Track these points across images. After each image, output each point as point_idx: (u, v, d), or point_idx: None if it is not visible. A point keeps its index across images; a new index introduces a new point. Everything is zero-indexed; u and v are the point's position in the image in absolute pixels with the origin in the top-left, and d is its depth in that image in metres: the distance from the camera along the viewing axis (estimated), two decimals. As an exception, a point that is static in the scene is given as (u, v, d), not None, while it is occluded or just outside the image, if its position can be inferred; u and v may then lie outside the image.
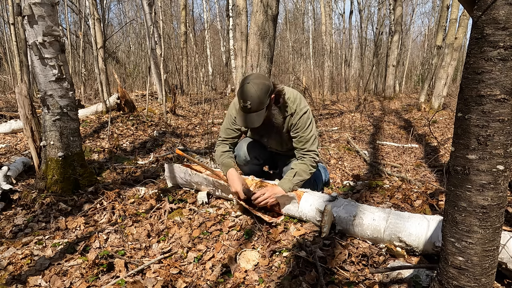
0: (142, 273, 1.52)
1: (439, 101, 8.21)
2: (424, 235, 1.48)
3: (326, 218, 1.69)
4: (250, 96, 1.78)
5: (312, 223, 1.81)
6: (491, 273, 1.01)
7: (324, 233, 1.68)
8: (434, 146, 4.82)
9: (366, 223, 1.62)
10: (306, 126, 2.01)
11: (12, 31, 7.13)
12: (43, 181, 2.34)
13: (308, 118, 2.02)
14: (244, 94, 1.79)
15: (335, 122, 7.10)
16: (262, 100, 1.80)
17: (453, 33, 7.99)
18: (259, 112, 1.84)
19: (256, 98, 1.78)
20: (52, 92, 2.29)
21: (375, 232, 1.59)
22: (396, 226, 1.54)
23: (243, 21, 6.48)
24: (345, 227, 1.69)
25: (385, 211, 1.65)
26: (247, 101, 1.79)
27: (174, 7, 18.25)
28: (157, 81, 7.86)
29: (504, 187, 0.94)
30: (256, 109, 1.82)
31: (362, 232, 1.64)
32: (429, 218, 1.53)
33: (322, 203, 1.78)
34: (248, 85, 1.79)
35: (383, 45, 17.36)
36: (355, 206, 1.72)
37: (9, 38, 11.10)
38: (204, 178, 2.19)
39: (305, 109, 2.02)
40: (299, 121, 2.00)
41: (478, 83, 0.89)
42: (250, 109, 1.81)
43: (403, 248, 1.54)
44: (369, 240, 1.64)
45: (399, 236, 1.53)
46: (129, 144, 4.31)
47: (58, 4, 2.31)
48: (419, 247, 1.49)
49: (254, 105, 1.80)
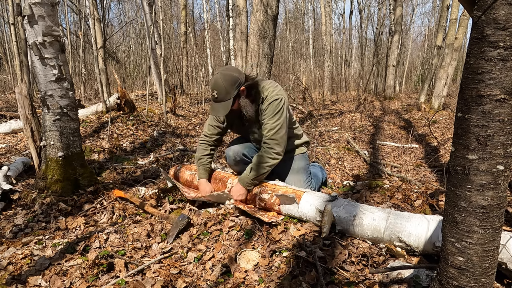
0: (142, 273, 1.52)
1: (439, 101, 8.21)
2: (424, 235, 1.47)
3: (326, 218, 1.69)
4: (217, 86, 1.93)
5: (312, 223, 1.81)
6: (491, 273, 1.01)
7: (324, 233, 1.68)
8: (434, 146, 4.82)
9: (366, 223, 1.62)
10: (273, 114, 1.96)
11: (12, 31, 7.13)
12: (43, 181, 2.34)
13: (278, 106, 1.97)
14: (212, 84, 1.96)
15: (335, 122, 7.10)
16: (228, 90, 1.92)
17: (453, 33, 7.99)
18: (225, 102, 1.95)
19: (222, 88, 1.92)
20: (52, 92, 2.29)
21: (375, 232, 1.59)
22: (396, 226, 1.54)
23: (243, 21, 6.48)
24: (345, 227, 1.69)
25: (385, 211, 1.64)
26: (214, 91, 1.94)
27: (174, 7, 18.25)
28: (157, 81, 7.86)
29: (504, 187, 0.94)
30: (222, 99, 1.95)
31: (362, 232, 1.64)
32: (429, 218, 1.52)
33: (322, 203, 1.78)
34: (216, 76, 1.95)
35: (383, 45, 17.36)
36: (355, 206, 1.72)
37: (9, 38, 11.11)
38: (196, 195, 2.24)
39: (276, 96, 1.97)
40: (268, 107, 1.98)
41: (478, 83, 0.89)
42: (216, 98, 1.96)
43: (403, 248, 1.54)
44: (369, 240, 1.64)
45: (399, 236, 1.52)
46: (129, 144, 4.31)
47: (58, 4, 2.31)
48: (419, 247, 1.49)
49: (220, 95, 1.94)
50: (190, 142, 4.79)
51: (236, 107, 2.02)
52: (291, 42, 20.47)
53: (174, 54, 13.56)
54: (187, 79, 12.13)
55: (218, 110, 1.98)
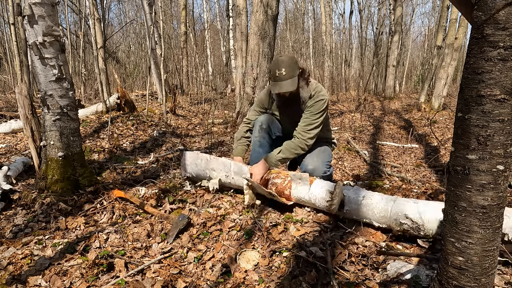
0: (142, 273, 1.52)
1: (439, 101, 8.21)
2: (430, 213, 1.53)
3: (338, 190, 1.76)
4: (284, 64, 2.06)
5: (314, 220, 1.82)
6: (491, 273, 1.01)
7: (334, 205, 1.74)
8: (434, 146, 4.82)
9: (375, 202, 1.69)
10: (317, 112, 2.17)
11: (12, 31, 7.12)
12: (43, 181, 2.34)
13: (322, 106, 2.18)
14: (277, 64, 2.08)
15: (335, 122, 7.10)
16: (293, 67, 2.07)
17: (453, 33, 7.99)
18: (293, 78, 2.08)
19: (289, 65, 2.06)
20: (52, 92, 2.29)
21: (382, 211, 1.66)
22: (403, 205, 1.62)
23: (243, 21, 6.48)
24: (353, 207, 1.75)
25: (392, 196, 1.74)
26: (282, 69, 2.06)
27: (174, 7, 18.25)
28: (157, 81, 7.86)
29: (504, 187, 0.94)
30: (290, 76, 2.07)
31: (370, 212, 1.69)
32: (434, 202, 1.62)
33: (332, 185, 1.87)
34: (280, 57, 2.10)
35: (383, 45, 17.35)
36: (364, 190, 1.81)
37: (9, 38, 11.11)
38: (222, 163, 2.28)
39: (323, 97, 2.18)
40: (314, 104, 2.18)
41: (478, 83, 0.89)
42: (284, 75, 2.07)
43: (409, 227, 1.58)
44: (376, 221, 1.69)
45: (405, 213, 1.58)
46: (129, 144, 4.31)
47: (58, 4, 2.31)
48: (425, 225, 1.53)
49: (288, 72, 2.06)
50: (190, 142, 4.78)
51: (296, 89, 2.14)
52: (291, 42, 20.47)
53: (174, 54, 13.55)
54: (187, 79, 12.13)
55: (287, 86, 2.08)
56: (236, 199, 2.25)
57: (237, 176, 2.21)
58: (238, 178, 2.20)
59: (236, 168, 2.21)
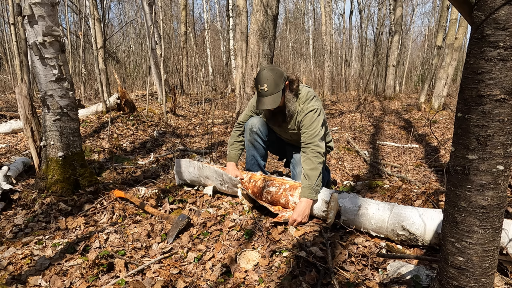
0: (142, 273, 1.52)
1: (439, 101, 8.21)
2: (427, 224, 1.51)
3: (333, 203, 1.73)
4: (266, 79, 1.96)
5: (315, 218, 1.82)
6: (491, 273, 1.01)
7: (330, 219, 1.71)
8: (434, 146, 4.82)
9: (371, 212, 1.66)
10: (310, 123, 2.08)
11: (12, 31, 7.13)
12: (43, 181, 2.34)
13: (313, 117, 2.07)
14: (260, 79, 1.98)
15: (335, 122, 7.10)
16: (277, 83, 1.96)
17: (453, 33, 7.98)
18: (275, 94, 1.98)
19: (272, 81, 1.95)
20: (52, 92, 2.29)
21: (379, 221, 1.63)
22: (400, 215, 1.59)
23: (243, 21, 6.48)
24: (350, 217, 1.72)
25: (389, 203, 1.70)
26: (264, 84, 1.96)
27: (174, 7, 18.24)
28: (157, 81, 7.86)
29: (504, 187, 0.94)
30: (271, 92, 1.97)
31: (366, 222, 1.67)
32: (432, 210, 1.57)
33: (328, 194, 1.83)
34: (263, 71, 1.99)
35: (383, 45, 17.35)
36: (360, 199, 1.77)
37: (9, 38, 11.10)
38: (215, 171, 2.25)
39: (312, 107, 2.08)
40: (304, 118, 2.09)
41: (478, 83, 0.89)
42: (266, 92, 1.98)
43: (407, 238, 1.56)
44: (373, 230, 1.67)
45: (402, 225, 1.56)
46: (129, 144, 4.31)
47: (58, 4, 2.31)
48: (422, 236, 1.51)
49: (270, 88, 1.96)
50: (190, 142, 4.79)
51: (282, 102, 2.06)
52: (291, 42, 20.47)
53: (174, 54, 13.56)
54: (187, 79, 12.13)
55: (268, 103, 1.99)
56: (236, 199, 2.25)
57: (231, 184, 2.20)
58: (232, 187, 2.20)
59: (227, 178, 2.17)
